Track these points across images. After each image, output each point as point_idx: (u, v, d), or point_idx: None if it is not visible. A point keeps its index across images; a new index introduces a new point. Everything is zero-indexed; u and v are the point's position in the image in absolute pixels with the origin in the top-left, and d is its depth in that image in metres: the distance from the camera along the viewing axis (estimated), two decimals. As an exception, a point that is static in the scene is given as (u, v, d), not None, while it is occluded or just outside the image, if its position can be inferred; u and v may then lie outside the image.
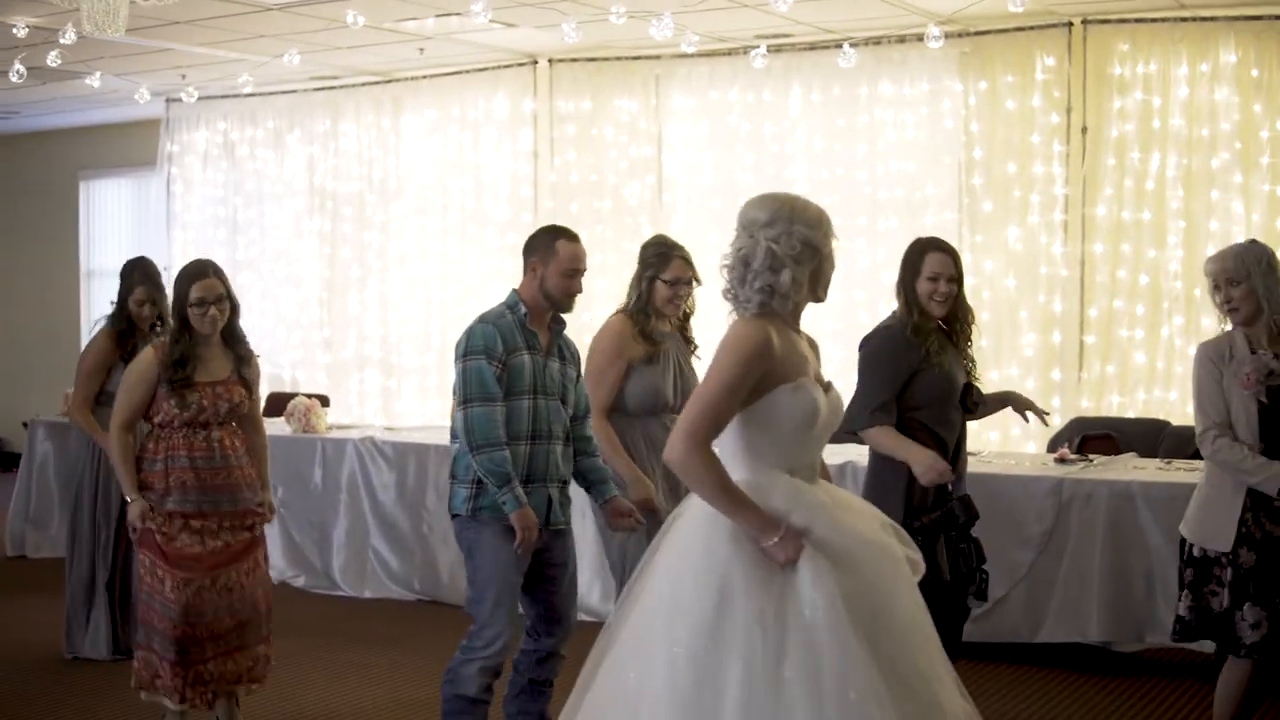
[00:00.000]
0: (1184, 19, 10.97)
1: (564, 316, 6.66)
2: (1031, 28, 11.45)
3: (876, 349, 6.73)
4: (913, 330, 6.64)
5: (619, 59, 13.13)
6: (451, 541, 10.36)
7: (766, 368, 4.39)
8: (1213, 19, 10.88)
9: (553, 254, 6.48)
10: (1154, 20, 11.08)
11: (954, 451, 6.70)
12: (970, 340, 6.92)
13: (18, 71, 11.77)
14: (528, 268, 6.54)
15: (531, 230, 13.33)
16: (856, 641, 4.13)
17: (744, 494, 4.32)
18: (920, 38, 11.26)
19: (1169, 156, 11.06)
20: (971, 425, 7.67)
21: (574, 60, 13.31)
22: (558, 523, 6.53)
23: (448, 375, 13.72)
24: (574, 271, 6.50)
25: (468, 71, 13.90)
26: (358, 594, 11.01)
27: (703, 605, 4.20)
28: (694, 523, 4.41)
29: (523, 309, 6.48)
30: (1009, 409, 7.04)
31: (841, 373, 7.18)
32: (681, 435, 4.35)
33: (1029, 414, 6.92)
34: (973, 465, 9.35)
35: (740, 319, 4.52)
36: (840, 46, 11.52)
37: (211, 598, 6.76)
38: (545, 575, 6.56)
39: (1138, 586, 8.48)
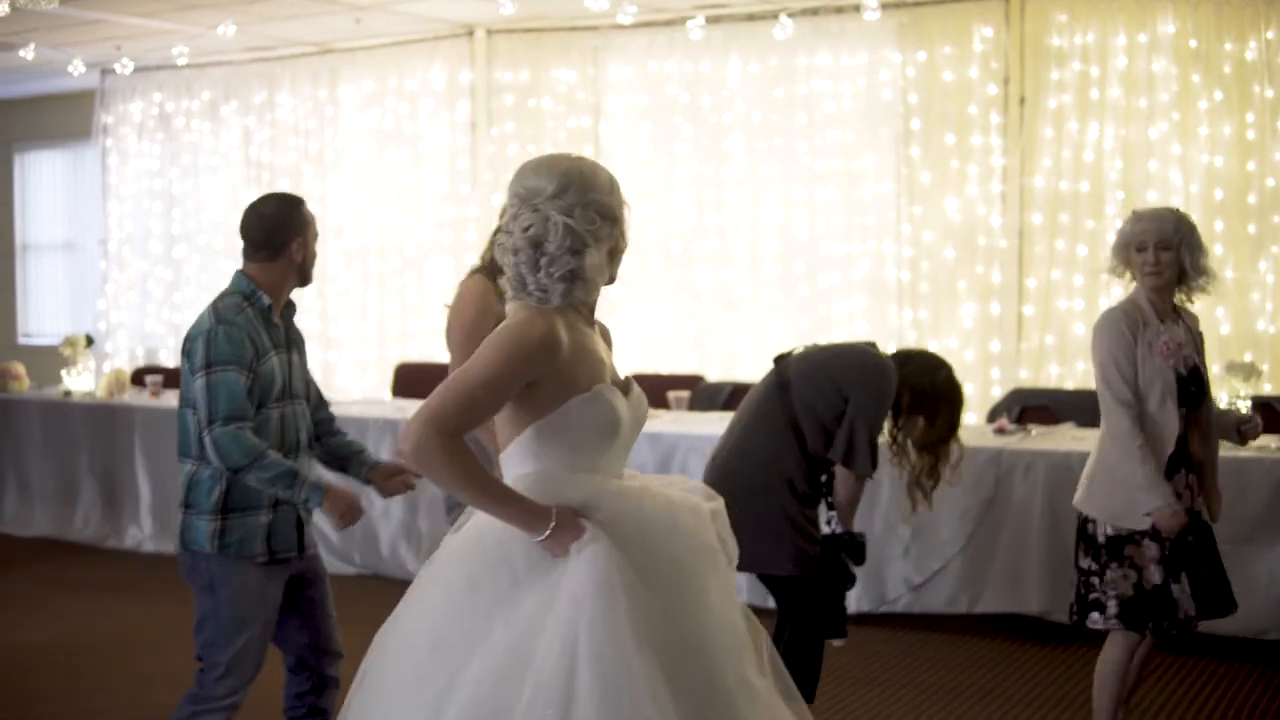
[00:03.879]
0: (1122, -11, 11.00)
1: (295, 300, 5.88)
2: (969, -2, 11.48)
3: (887, 396, 6.38)
4: None
5: (556, 30, 13.06)
6: (394, 514, 10.44)
7: (546, 371, 3.78)
8: (1150, -11, 10.92)
9: (307, 224, 5.73)
10: (1092, -9, 11.11)
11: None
12: None
13: (-51, 44, 11.66)
14: (288, 249, 5.66)
15: (470, 202, 13.45)
16: (632, 636, 3.57)
17: (501, 485, 3.77)
18: (857, 8, 11.25)
19: (1107, 127, 11.07)
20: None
21: (511, 31, 13.23)
22: (310, 544, 5.84)
23: (387, 348, 13.80)
24: (317, 234, 5.82)
25: (404, 43, 13.80)
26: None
27: (417, 640, 3.80)
28: (456, 541, 3.94)
29: (264, 299, 5.63)
30: None
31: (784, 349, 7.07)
32: (423, 421, 3.66)
33: None
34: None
35: (523, 307, 3.88)
36: (777, 17, 11.50)
37: None
38: (304, 597, 5.85)
39: (1076, 556, 8.54)
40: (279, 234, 5.65)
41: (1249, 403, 8.89)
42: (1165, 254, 6.18)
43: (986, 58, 11.45)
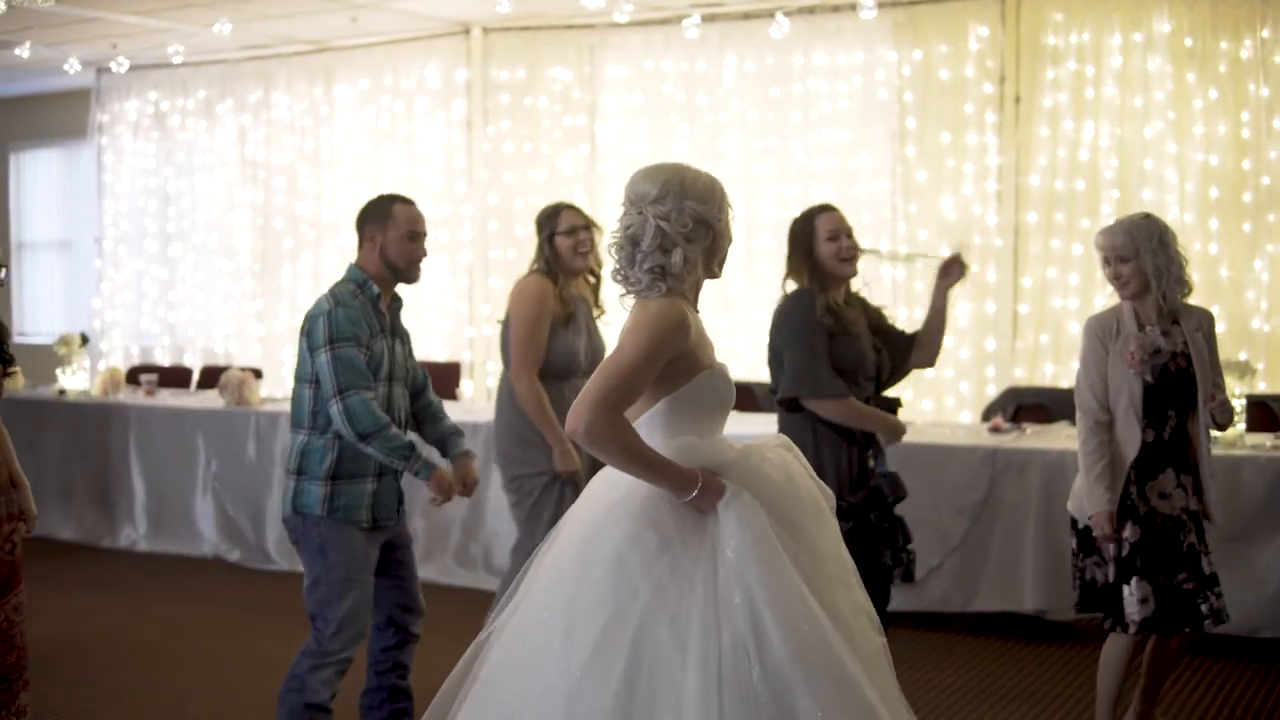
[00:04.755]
0: (1117, -12, 11.00)
1: (402, 295, 6.40)
2: (965, -3, 11.48)
3: (796, 315, 6.59)
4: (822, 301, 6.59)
5: (552, 28, 13.06)
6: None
7: (682, 347, 4.24)
8: (1145, -12, 10.92)
9: (390, 219, 6.21)
10: (1087, -10, 11.11)
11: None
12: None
13: (-55, 42, 11.64)
14: (364, 241, 6.26)
15: (465, 200, 13.45)
16: (793, 570, 4.05)
17: (656, 453, 4.17)
18: (854, 7, 11.27)
19: (1102, 126, 11.08)
20: (904, 394, 7.73)
21: (507, 29, 13.23)
22: (404, 512, 6.40)
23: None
24: (415, 235, 6.26)
25: (400, 41, 13.80)
26: (292, 568, 10.95)
27: (597, 602, 4.01)
28: (596, 505, 4.28)
29: (374, 288, 6.18)
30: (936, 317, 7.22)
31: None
32: (591, 402, 4.11)
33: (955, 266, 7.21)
34: (906, 435, 9.40)
35: (651, 299, 4.30)
36: (774, 16, 11.50)
37: None
38: (394, 560, 6.34)
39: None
40: (359, 225, 6.31)
41: (1243, 400, 8.90)
42: (1124, 266, 6.29)
43: (982, 56, 11.45)
